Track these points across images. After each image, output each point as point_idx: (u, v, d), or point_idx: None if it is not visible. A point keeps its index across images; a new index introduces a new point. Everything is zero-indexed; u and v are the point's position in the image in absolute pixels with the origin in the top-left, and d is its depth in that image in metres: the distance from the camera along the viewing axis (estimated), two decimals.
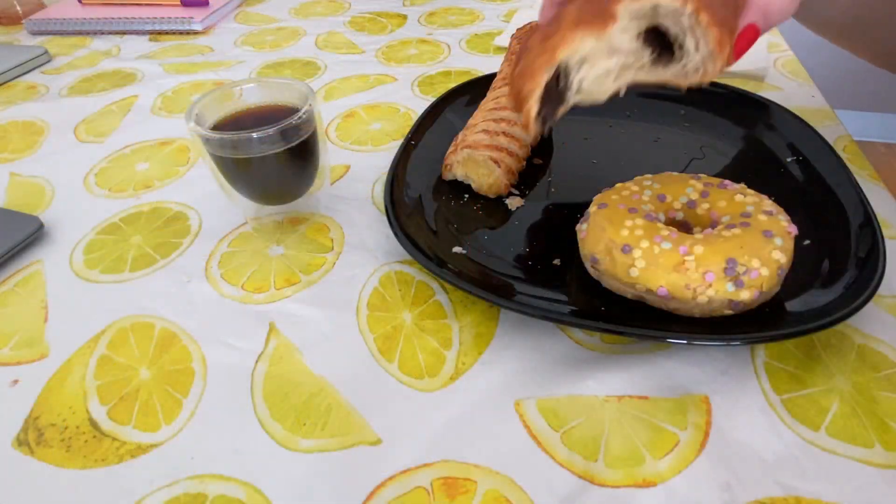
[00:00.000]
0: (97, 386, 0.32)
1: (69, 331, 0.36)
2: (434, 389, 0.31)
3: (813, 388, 0.30)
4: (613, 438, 0.28)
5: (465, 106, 0.51)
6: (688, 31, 0.26)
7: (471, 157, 0.41)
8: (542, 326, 0.34)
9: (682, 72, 0.28)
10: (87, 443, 0.30)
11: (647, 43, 0.28)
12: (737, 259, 0.29)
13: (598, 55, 0.29)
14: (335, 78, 0.64)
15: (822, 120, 0.50)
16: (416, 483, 0.27)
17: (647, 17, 0.27)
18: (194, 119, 0.37)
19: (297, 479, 0.28)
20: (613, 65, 0.29)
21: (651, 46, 0.28)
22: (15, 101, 0.63)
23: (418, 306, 0.36)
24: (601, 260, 0.32)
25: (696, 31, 0.26)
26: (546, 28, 0.30)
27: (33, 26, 0.80)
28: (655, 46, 0.28)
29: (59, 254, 0.42)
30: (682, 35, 0.27)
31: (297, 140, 0.37)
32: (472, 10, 0.80)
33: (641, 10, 0.27)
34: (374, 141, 0.52)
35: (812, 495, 0.26)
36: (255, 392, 0.31)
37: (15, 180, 0.50)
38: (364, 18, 0.81)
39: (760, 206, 0.32)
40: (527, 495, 0.26)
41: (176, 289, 0.38)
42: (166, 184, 0.48)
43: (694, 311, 0.30)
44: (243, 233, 0.42)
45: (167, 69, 0.68)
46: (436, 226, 0.40)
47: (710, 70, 0.27)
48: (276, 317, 0.36)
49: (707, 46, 0.26)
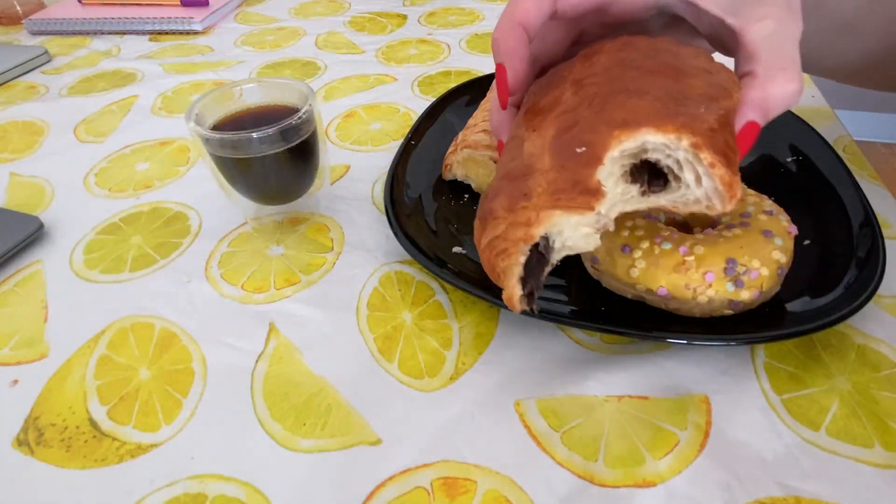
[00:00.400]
0: (97, 386, 0.32)
1: (69, 331, 0.36)
2: (434, 389, 0.31)
3: (813, 388, 0.30)
4: (613, 438, 0.28)
5: (465, 106, 0.51)
6: (685, 165, 0.23)
7: (471, 157, 0.41)
8: (542, 326, 0.34)
9: (682, 201, 0.24)
10: (87, 443, 0.30)
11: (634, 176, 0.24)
12: (737, 259, 0.29)
13: (582, 224, 0.24)
14: (335, 78, 0.64)
15: (822, 120, 0.50)
16: (416, 483, 0.27)
17: (635, 155, 0.24)
18: (194, 119, 0.37)
19: (296, 479, 0.28)
20: (600, 220, 0.24)
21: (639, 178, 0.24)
22: (15, 101, 0.63)
23: (418, 306, 0.36)
24: (601, 260, 0.32)
25: (695, 166, 0.23)
26: (508, 166, 0.26)
27: (33, 26, 0.80)
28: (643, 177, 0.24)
29: (59, 254, 0.42)
30: (677, 167, 0.23)
31: (297, 140, 0.37)
32: (472, 10, 0.80)
33: (627, 152, 0.23)
34: (374, 141, 0.52)
35: (812, 495, 0.26)
36: (255, 392, 0.31)
37: (15, 180, 0.50)
38: (364, 18, 0.81)
39: (760, 206, 0.32)
40: (527, 495, 0.26)
41: (176, 289, 0.38)
42: (166, 184, 0.48)
43: (694, 311, 0.30)
44: (243, 233, 0.42)
45: (167, 69, 0.68)
46: (436, 226, 0.40)
47: (720, 209, 0.23)
48: (276, 317, 0.36)
49: (713, 184, 0.23)
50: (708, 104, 0.23)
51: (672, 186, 0.24)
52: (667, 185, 0.24)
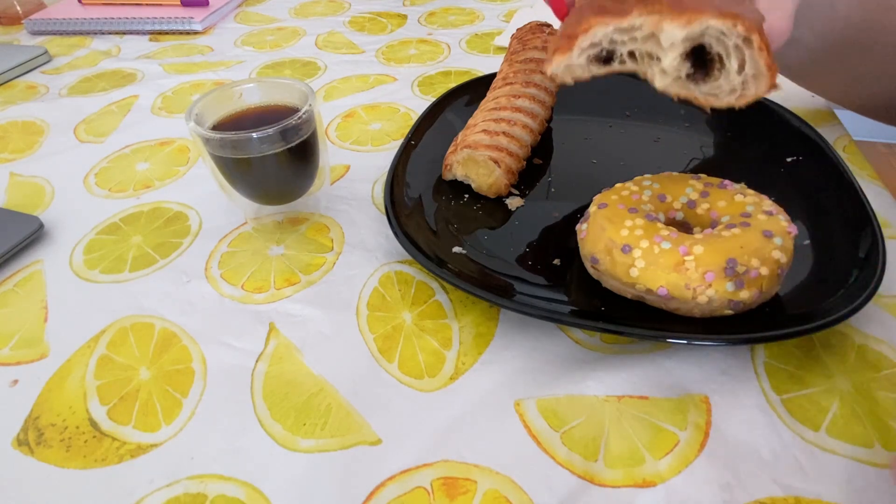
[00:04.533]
0: (97, 386, 0.32)
1: (69, 331, 0.36)
2: (434, 389, 0.31)
3: (813, 388, 0.30)
4: (613, 438, 0.28)
5: (465, 106, 0.51)
6: (732, 52, 0.27)
7: (471, 157, 0.41)
8: (542, 326, 0.34)
9: (716, 91, 0.28)
10: (87, 443, 0.30)
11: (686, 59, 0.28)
12: (737, 259, 0.29)
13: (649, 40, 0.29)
14: (335, 78, 0.64)
15: (822, 120, 0.50)
16: (416, 483, 0.27)
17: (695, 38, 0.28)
18: (194, 119, 0.37)
19: (296, 479, 0.28)
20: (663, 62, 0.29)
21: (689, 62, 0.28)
22: (15, 101, 0.63)
23: (418, 306, 0.36)
24: (601, 260, 0.32)
25: (742, 53, 0.27)
26: None
27: (33, 26, 0.80)
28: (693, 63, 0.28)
29: (59, 254, 0.42)
30: (724, 55, 0.27)
31: (297, 140, 0.37)
32: (472, 10, 0.80)
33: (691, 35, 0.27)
34: (374, 141, 0.52)
35: (812, 495, 0.26)
36: (255, 392, 0.31)
37: (15, 180, 0.50)
38: (364, 18, 0.81)
39: (760, 206, 0.32)
40: (527, 495, 0.26)
41: (176, 289, 0.38)
42: (166, 184, 0.48)
43: (694, 311, 0.30)
44: (243, 233, 0.42)
45: (167, 69, 0.68)
46: (436, 226, 0.40)
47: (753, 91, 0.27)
48: (276, 317, 0.36)
49: (755, 68, 0.27)
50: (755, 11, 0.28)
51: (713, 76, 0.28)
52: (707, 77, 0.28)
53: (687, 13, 0.27)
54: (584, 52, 0.30)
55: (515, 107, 0.43)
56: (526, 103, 0.44)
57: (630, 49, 0.30)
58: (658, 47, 0.29)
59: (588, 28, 0.29)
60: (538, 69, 0.46)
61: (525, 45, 0.48)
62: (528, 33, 0.50)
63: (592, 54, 0.30)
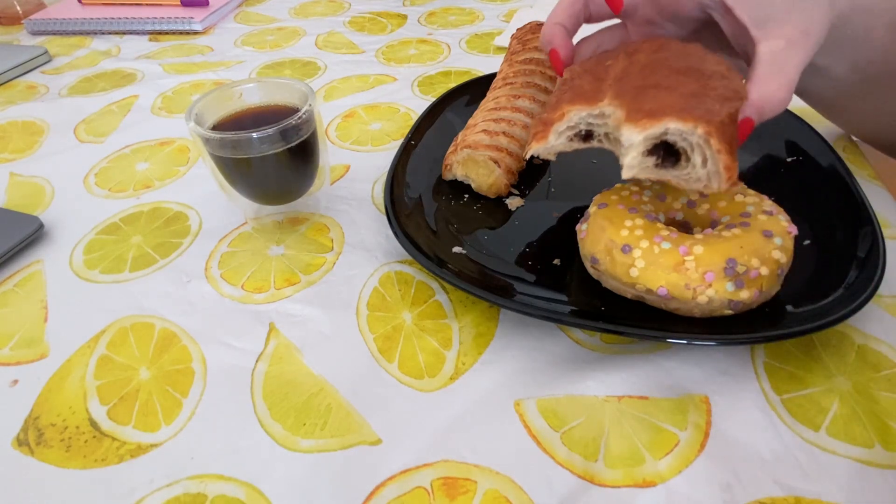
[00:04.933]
0: (97, 386, 0.32)
1: (69, 331, 0.36)
2: (434, 389, 0.31)
3: (813, 388, 0.30)
4: (613, 438, 0.28)
5: (465, 106, 0.51)
6: (695, 148, 0.28)
7: (471, 157, 0.41)
8: (542, 326, 0.34)
9: (685, 178, 0.29)
10: (87, 443, 0.30)
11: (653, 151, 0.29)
12: (737, 259, 0.29)
13: None
14: (335, 78, 0.64)
15: (823, 120, 0.50)
16: (416, 483, 0.27)
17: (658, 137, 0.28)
18: (194, 119, 0.37)
19: (296, 479, 0.28)
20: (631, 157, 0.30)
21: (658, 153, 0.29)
22: (15, 101, 0.63)
23: (418, 306, 0.36)
24: (601, 260, 0.32)
25: (704, 150, 0.27)
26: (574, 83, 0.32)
27: (33, 26, 0.80)
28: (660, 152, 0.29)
29: (59, 254, 0.42)
30: (689, 150, 0.28)
31: (297, 140, 0.37)
32: (472, 10, 0.80)
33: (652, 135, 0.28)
34: (374, 141, 0.52)
35: (812, 495, 0.26)
36: (255, 392, 0.31)
37: (15, 180, 0.50)
38: (364, 18, 0.81)
39: (760, 206, 0.32)
40: (527, 495, 0.26)
41: (176, 289, 0.38)
42: (166, 184, 0.48)
43: (694, 311, 0.30)
44: (243, 233, 0.42)
45: (167, 69, 0.68)
46: (436, 226, 0.40)
47: (715, 188, 0.28)
48: (276, 317, 0.36)
49: (714, 167, 0.27)
50: (722, 103, 0.28)
51: (681, 165, 0.29)
52: (677, 164, 0.29)
53: (644, 117, 0.28)
54: (563, 134, 0.31)
55: (515, 107, 0.43)
56: (526, 103, 0.44)
57: (605, 132, 0.31)
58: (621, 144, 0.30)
59: (562, 115, 0.31)
60: (538, 69, 0.46)
61: (525, 46, 0.48)
62: (528, 33, 0.50)
63: (572, 133, 0.31)
